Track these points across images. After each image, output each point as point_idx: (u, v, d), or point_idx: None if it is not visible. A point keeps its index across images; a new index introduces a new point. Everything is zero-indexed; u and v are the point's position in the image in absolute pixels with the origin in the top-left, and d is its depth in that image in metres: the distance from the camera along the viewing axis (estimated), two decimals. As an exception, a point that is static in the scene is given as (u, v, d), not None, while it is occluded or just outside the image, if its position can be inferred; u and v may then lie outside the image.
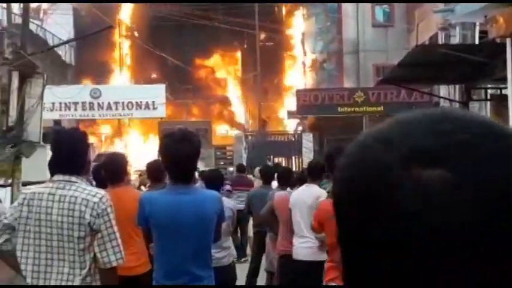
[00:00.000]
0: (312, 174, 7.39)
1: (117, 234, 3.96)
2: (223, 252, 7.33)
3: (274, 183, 10.05)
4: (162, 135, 4.56)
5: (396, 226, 0.70)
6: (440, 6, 17.39)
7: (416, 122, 0.74)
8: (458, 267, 0.69)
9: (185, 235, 4.20)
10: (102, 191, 4.10)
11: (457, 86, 16.91)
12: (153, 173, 7.25)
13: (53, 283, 3.92)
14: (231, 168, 25.57)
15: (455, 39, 17.70)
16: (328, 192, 7.18)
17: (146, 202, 4.33)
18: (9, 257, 4.01)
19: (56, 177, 4.05)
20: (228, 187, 13.01)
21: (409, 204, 0.69)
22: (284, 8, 42.70)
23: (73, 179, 4.00)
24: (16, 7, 19.22)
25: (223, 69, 47.81)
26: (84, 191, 3.96)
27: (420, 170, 0.70)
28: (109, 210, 3.94)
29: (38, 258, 3.94)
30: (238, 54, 47.65)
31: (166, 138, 4.42)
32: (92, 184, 5.98)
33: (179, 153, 4.18)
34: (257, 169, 15.79)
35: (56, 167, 4.16)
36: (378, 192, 0.71)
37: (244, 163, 23.49)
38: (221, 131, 42.93)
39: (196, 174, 8.40)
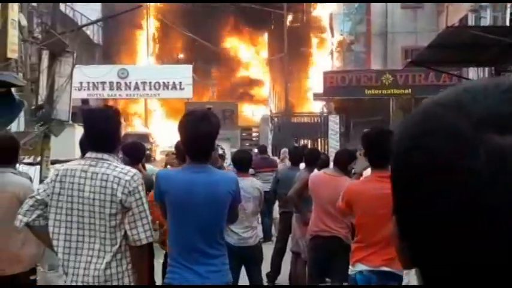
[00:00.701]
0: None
1: (148, 212, 3.99)
2: (251, 232, 7.35)
3: (302, 165, 10.06)
4: (184, 114, 4.57)
5: (472, 194, 0.69)
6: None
7: (485, 90, 0.74)
8: None
9: (197, 214, 4.22)
10: (133, 169, 4.12)
11: (487, 69, 16.73)
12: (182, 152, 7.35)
13: (83, 259, 3.96)
14: (256, 150, 25.55)
15: (486, 21, 17.48)
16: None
17: (162, 178, 4.36)
18: (41, 233, 4.07)
19: (88, 155, 4.08)
20: (251, 170, 12.96)
21: (484, 171, 0.69)
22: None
23: (105, 156, 4.02)
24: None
25: (250, 51, 47.69)
26: (116, 169, 3.98)
27: (494, 136, 0.70)
28: (140, 188, 3.96)
29: (69, 234, 3.97)
30: (265, 35, 47.48)
31: (186, 117, 4.43)
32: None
33: (197, 131, 4.19)
34: (283, 150, 15.76)
35: (88, 144, 4.19)
36: (452, 161, 0.70)
37: (270, 144, 23.43)
38: (247, 112, 42.90)
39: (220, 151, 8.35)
